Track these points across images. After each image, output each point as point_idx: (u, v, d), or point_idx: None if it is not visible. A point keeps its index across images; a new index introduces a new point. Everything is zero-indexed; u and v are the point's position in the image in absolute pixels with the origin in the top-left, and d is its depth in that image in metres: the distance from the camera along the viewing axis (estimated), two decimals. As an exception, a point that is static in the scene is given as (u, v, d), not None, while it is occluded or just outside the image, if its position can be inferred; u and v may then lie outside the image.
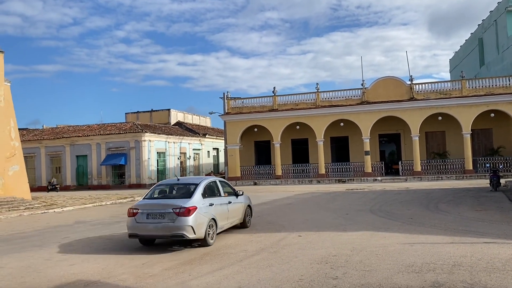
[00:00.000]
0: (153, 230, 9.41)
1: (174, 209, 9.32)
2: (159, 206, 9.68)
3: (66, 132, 44.96)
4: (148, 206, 9.70)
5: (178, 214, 9.25)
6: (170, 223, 9.27)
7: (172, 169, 44.35)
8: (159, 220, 9.40)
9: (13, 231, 14.12)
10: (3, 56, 24.65)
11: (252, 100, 39.52)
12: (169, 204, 9.55)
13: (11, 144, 25.16)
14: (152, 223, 9.41)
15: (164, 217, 9.37)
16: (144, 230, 9.45)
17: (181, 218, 9.21)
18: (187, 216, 9.23)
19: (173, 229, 9.23)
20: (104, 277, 7.34)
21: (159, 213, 9.44)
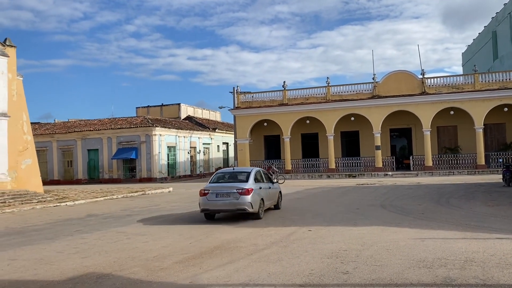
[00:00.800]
0: (221, 205, 12.46)
1: (237, 190, 12.30)
2: (225, 188, 12.65)
3: (77, 126, 45.36)
4: (216, 188, 12.69)
5: (240, 193, 12.25)
6: (235, 200, 12.27)
7: (182, 163, 44.55)
8: (226, 198, 12.39)
9: (26, 223, 14.31)
10: (15, 50, 24.88)
11: (262, 95, 39.44)
12: (233, 186, 12.48)
13: (24, 138, 25.45)
14: (221, 200, 12.42)
15: (230, 196, 12.36)
16: (214, 206, 12.52)
17: (243, 197, 12.24)
18: (247, 195, 12.26)
19: (237, 204, 12.26)
20: (116, 269, 7.41)
21: (226, 193, 12.45)
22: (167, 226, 12.45)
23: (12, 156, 23.88)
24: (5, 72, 23.76)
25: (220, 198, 12.44)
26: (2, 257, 8.90)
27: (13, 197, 21.16)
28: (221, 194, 12.48)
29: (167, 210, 16.65)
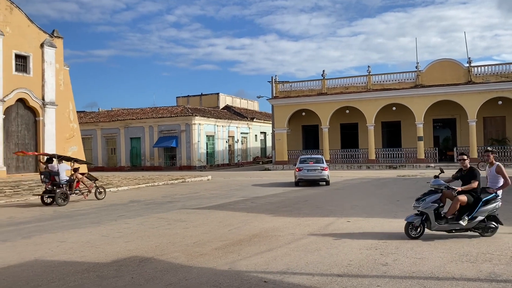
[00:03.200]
0: (311, 177, 20.52)
1: (320, 167, 20.52)
2: (313, 166, 20.66)
3: (120, 115, 46.76)
4: (306, 166, 20.71)
5: (322, 170, 20.47)
6: (319, 173, 20.47)
7: (220, 152, 45.08)
8: (313, 173, 20.50)
9: (73, 208, 14.97)
10: (62, 41, 25.85)
11: (300, 84, 39.14)
12: (317, 165, 20.68)
13: (70, 126, 26.53)
14: (310, 174, 20.52)
15: (316, 171, 20.49)
16: (306, 177, 20.54)
17: (324, 172, 20.44)
18: (326, 171, 20.54)
19: (320, 176, 20.54)
20: (157, 254, 7.65)
21: (313, 169, 20.55)
22: (206, 213, 12.69)
23: (59, 143, 24.96)
24: (53, 63, 24.76)
25: (310, 173, 20.55)
26: (52, 238, 9.38)
27: (61, 182, 22.14)
28: (311, 170, 20.55)
29: (206, 198, 16.95)
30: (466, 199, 8.25)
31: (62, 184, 16.14)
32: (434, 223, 8.17)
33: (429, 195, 8.40)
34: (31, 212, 14.24)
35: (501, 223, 8.27)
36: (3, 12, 22.35)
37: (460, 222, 8.07)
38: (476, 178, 8.30)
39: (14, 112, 23.01)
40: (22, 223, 11.75)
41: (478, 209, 8.15)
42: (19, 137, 23.35)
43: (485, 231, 8.24)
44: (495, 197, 8.30)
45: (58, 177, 16.10)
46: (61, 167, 16.34)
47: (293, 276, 6.16)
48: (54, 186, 16.01)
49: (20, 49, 23.14)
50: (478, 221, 8.17)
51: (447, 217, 8.28)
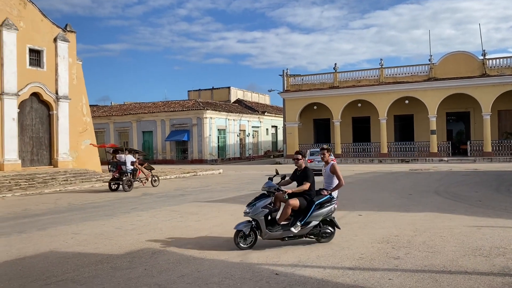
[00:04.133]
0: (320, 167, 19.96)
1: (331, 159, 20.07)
2: None
3: (133, 109, 47.08)
4: (317, 158, 21.85)
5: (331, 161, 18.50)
6: None
7: (232, 146, 45.17)
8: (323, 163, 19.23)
9: (86, 201, 15.18)
10: (75, 36, 26.06)
11: (312, 77, 38.97)
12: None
13: (83, 120, 26.79)
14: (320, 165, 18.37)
15: None
16: (317, 167, 19.48)
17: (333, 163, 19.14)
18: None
19: None
20: (170, 246, 7.73)
21: None
22: (218, 206, 12.77)
23: (73, 137, 25.25)
24: (66, 57, 24.98)
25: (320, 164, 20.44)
26: (66, 230, 9.53)
27: (74, 175, 22.46)
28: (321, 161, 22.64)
29: (218, 191, 17.03)
30: (298, 202, 7.45)
31: (127, 173, 18.12)
32: (265, 231, 7.28)
33: (260, 200, 7.52)
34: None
35: (338, 227, 7.64)
36: (17, 7, 22.59)
37: (292, 229, 7.30)
38: (309, 179, 7.60)
39: (28, 106, 23.32)
40: (38, 215, 11.95)
41: (311, 213, 7.41)
42: (34, 130, 23.67)
43: (321, 237, 7.56)
44: (329, 199, 7.64)
45: (124, 167, 18.14)
46: (127, 158, 18.34)
47: (304, 268, 6.18)
48: (120, 175, 18.09)
49: (34, 43, 23.39)
50: (312, 226, 7.43)
51: (279, 224, 7.46)
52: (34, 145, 23.68)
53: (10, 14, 22.19)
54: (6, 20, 21.82)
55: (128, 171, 18.18)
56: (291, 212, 7.51)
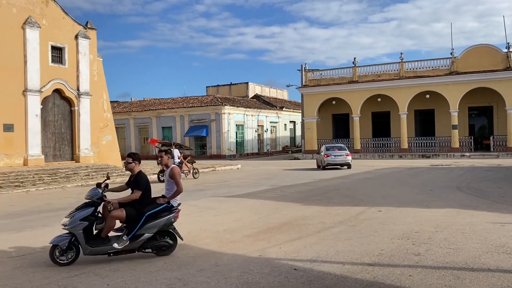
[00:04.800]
0: (337, 161, 24.28)
1: (345, 154, 24.35)
2: (339, 153, 24.43)
3: (152, 105, 47.56)
4: (333, 153, 24.46)
5: (346, 155, 24.27)
6: (344, 158, 24.24)
7: (250, 141, 45.24)
8: (339, 158, 24.26)
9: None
10: (96, 33, 26.41)
11: (331, 72, 38.67)
12: (343, 152, 24.54)
13: (104, 116, 27.19)
14: (337, 159, 24.28)
15: (341, 156, 24.25)
16: (334, 161, 24.21)
17: (348, 157, 24.27)
18: (349, 156, 24.46)
19: (345, 160, 24.28)
20: (189, 240, 7.80)
21: (339, 155, 24.32)
22: (236, 201, 12.82)
23: (94, 133, 25.67)
24: (87, 54, 25.36)
25: (337, 158, 24.30)
26: (88, 224, 9.69)
27: (95, 170, 22.84)
28: (337, 155, 24.35)
29: (236, 186, 17.10)
30: (123, 214, 6.61)
31: None
32: (86, 246, 6.38)
33: (81, 210, 6.63)
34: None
35: (180, 237, 6.91)
36: (39, 5, 23.00)
37: (114, 245, 6.43)
38: (140, 186, 6.81)
39: (50, 102, 23.78)
40: (61, 209, 12.19)
41: (142, 225, 6.62)
42: (56, 126, 24.14)
43: (159, 250, 6.73)
44: (168, 208, 6.89)
45: (172, 160, 17.81)
46: (175, 152, 19.74)
47: (323, 264, 6.16)
48: None
49: (56, 41, 23.80)
50: (144, 239, 6.59)
51: (104, 237, 6.61)
52: (56, 141, 24.16)
53: (33, 12, 22.62)
54: (29, 18, 22.26)
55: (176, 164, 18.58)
56: (123, 224, 6.79)
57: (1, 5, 21.25)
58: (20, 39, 22.01)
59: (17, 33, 21.92)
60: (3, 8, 21.34)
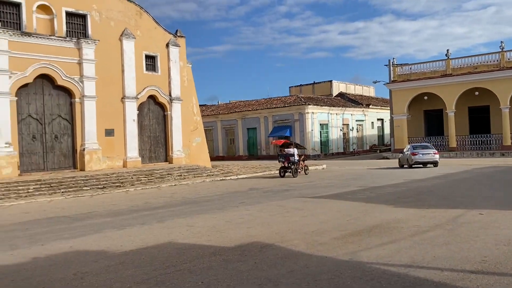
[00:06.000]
0: (425, 159, 24.42)
1: (433, 152, 24.46)
2: (426, 151, 24.59)
3: (238, 107, 48.82)
4: (421, 151, 24.66)
5: (434, 154, 24.39)
6: (432, 157, 24.33)
7: (335, 141, 44.49)
8: (427, 156, 24.37)
9: (199, 195, 16.10)
10: (185, 40, 27.75)
11: (421, 66, 36.65)
12: (430, 150, 24.69)
13: (194, 119, 28.49)
14: (425, 157, 24.42)
15: (429, 155, 24.35)
16: (422, 160, 24.44)
17: (435, 156, 24.33)
18: (437, 155, 24.50)
19: (433, 159, 24.31)
20: (277, 241, 7.84)
21: (427, 153, 24.44)
22: (323, 202, 12.65)
23: (185, 135, 27.01)
24: (177, 61, 26.74)
25: (424, 156, 24.48)
26: (182, 223, 10.19)
27: (187, 171, 23.98)
28: (425, 154, 24.51)
29: (322, 187, 16.88)
30: None
31: (295, 163, 22.07)
32: None
33: None
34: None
35: None
36: (134, 17, 24.75)
37: None
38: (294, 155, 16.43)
39: (146, 108, 25.47)
40: (157, 208, 12.99)
41: None
42: (151, 130, 25.81)
43: None
44: None
45: (293, 158, 22.10)
46: (295, 151, 22.37)
47: (420, 270, 5.82)
48: (289, 164, 22.03)
49: (149, 50, 25.43)
50: None
51: None
52: (151, 144, 25.82)
53: (128, 24, 24.39)
54: (125, 30, 24.04)
55: (295, 161, 22.03)
56: None
57: (101, 19, 23.22)
58: (118, 50, 23.86)
59: (115, 45, 23.78)
60: (103, 22, 23.30)
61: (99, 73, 22.79)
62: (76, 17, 22.48)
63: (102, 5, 23.32)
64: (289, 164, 22.09)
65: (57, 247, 8.21)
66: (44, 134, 21.32)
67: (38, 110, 21.16)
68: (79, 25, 22.61)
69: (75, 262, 7.01)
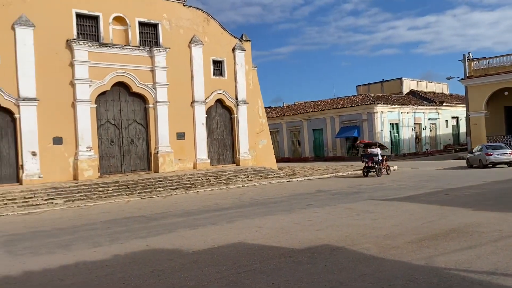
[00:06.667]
0: (500, 159, 24.07)
1: (509, 152, 24.19)
2: (501, 151, 24.34)
3: (303, 108, 48.61)
4: (495, 152, 24.31)
5: (510, 154, 24.15)
6: (508, 157, 24.01)
7: (406, 141, 42.79)
8: (503, 156, 24.08)
9: (266, 196, 16.23)
10: (250, 44, 28.14)
11: (501, 59, 34.19)
12: (505, 151, 24.40)
13: (259, 121, 28.78)
14: (500, 157, 24.11)
15: (504, 155, 24.09)
16: (497, 160, 24.15)
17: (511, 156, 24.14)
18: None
19: (509, 159, 24.03)
20: (348, 244, 7.70)
21: (502, 153, 24.18)
22: (395, 205, 12.21)
23: (251, 138, 27.38)
24: (243, 64, 27.19)
25: (500, 156, 24.16)
26: (251, 224, 10.34)
27: (254, 172, 24.28)
28: (500, 154, 24.20)
29: (394, 189, 16.31)
30: None
31: (379, 162, 22.59)
32: None
33: None
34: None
35: None
36: (201, 24, 25.55)
37: None
38: None
39: (214, 112, 26.17)
40: (226, 209, 13.29)
41: None
42: (219, 133, 26.47)
43: None
44: None
45: (377, 157, 22.72)
46: (378, 151, 23.06)
47: (504, 277, 5.44)
48: (373, 164, 22.52)
49: (216, 55, 26.11)
50: None
51: None
52: (219, 146, 26.47)
53: (197, 31, 25.22)
54: (194, 37, 24.88)
55: (379, 161, 22.57)
56: None
57: (171, 27, 24.22)
58: (187, 57, 24.76)
59: (185, 51, 24.69)
60: (173, 30, 24.29)
61: (170, 79, 23.80)
62: (148, 26, 23.66)
63: (172, 14, 24.34)
64: (373, 163, 22.53)
65: (135, 245, 8.68)
66: (121, 138, 22.66)
67: (115, 116, 22.54)
68: (151, 34, 23.76)
69: (151, 260, 7.37)
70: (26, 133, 19.47)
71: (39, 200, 16.57)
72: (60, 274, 6.85)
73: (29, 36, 19.66)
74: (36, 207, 15.68)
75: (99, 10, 21.77)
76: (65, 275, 6.78)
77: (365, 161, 22.91)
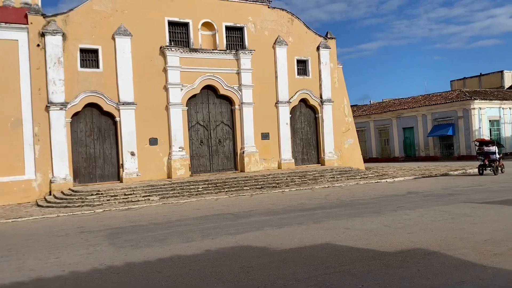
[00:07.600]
0: None
1: None
2: None
3: (391, 106, 46.66)
4: None
5: None
6: None
7: (508, 139, 39.19)
8: None
9: (353, 197, 15.86)
10: (335, 42, 27.69)
11: None
12: None
13: (345, 120, 28.18)
14: None
15: None
16: None
17: None
18: None
19: None
20: (443, 248, 7.27)
21: None
22: (497, 208, 11.27)
23: (336, 137, 26.91)
24: (328, 63, 26.83)
25: None
26: (338, 225, 10.18)
27: (340, 173, 23.84)
28: None
29: (495, 191, 15.05)
30: None
31: (496, 161, 22.49)
32: None
33: None
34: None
35: None
36: (286, 24, 25.69)
37: None
38: None
39: (298, 111, 26.15)
40: (312, 209, 13.23)
41: None
42: (303, 133, 26.40)
43: None
44: None
45: (493, 156, 22.62)
46: (495, 149, 22.84)
47: None
48: (489, 162, 22.39)
49: (300, 54, 26.07)
50: None
51: None
52: (303, 146, 26.40)
53: (281, 31, 25.41)
54: (278, 37, 25.10)
55: (495, 159, 22.43)
56: None
57: (256, 30, 24.67)
58: (271, 58, 25.05)
59: (269, 52, 25.01)
60: (258, 32, 24.72)
61: (254, 81, 24.28)
62: (234, 30, 24.35)
63: (257, 17, 24.80)
64: (489, 162, 22.48)
65: (225, 241, 8.99)
66: (209, 139, 23.62)
67: (204, 117, 23.54)
68: (237, 37, 24.42)
69: (240, 257, 7.59)
70: (126, 134, 21.14)
71: (137, 197, 17.86)
72: (158, 266, 7.33)
73: (127, 44, 21.30)
74: (134, 203, 16.93)
75: (189, 17, 22.90)
76: (162, 267, 7.24)
77: (481, 159, 22.73)
